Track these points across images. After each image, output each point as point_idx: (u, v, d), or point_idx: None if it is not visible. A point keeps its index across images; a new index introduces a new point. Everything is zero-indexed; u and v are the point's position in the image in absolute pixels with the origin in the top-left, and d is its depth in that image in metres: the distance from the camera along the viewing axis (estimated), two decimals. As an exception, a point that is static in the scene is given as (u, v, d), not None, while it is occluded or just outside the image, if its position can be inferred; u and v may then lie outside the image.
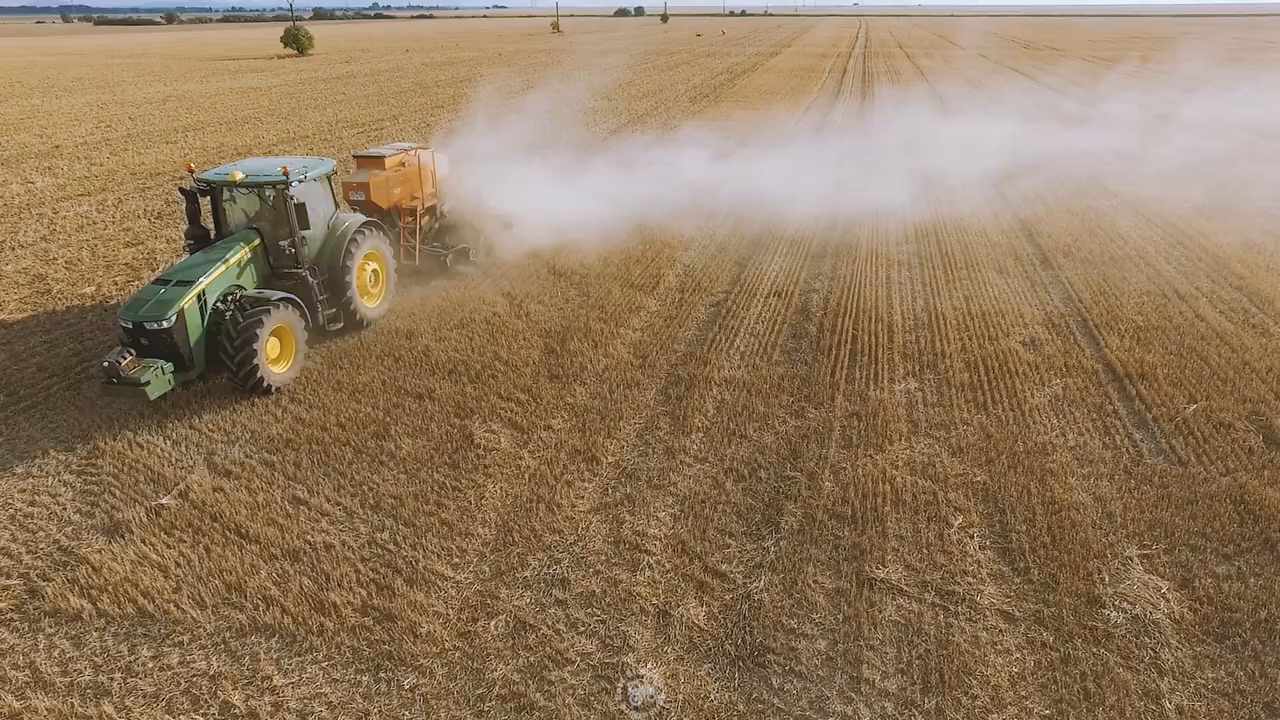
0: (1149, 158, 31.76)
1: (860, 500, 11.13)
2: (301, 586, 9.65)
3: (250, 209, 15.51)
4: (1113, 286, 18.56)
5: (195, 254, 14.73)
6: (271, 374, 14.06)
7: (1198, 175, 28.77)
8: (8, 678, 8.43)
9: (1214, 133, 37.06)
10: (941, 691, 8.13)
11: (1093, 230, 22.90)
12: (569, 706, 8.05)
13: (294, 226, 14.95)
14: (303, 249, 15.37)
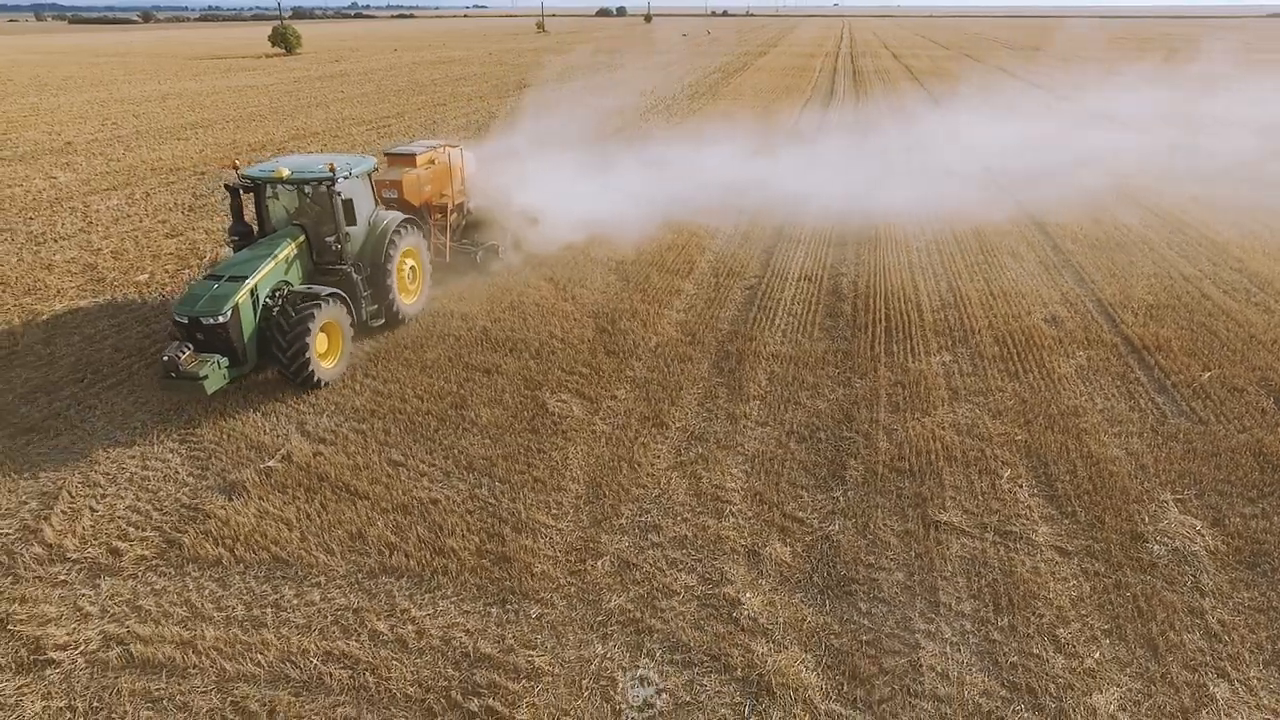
0: (1142, 152, 33.10)
1: (915, 456, 12.17)
2: (418, 535, 10.54)
3: (292, 205, 15.68)
4: (1121, 270, 19.76)
5: (243, 250, 14.85)
6: (321, 369, 14.18)
7: (1194, 171, 30.08)
8: (169, 613, 9.28)
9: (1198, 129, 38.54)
10: (1012, 612, 9.18)
11: (1096, 219, 24.10)
12: (683, 629, 9.02)
13: (340, 223, 15.10)
14: (347, 245, 15.47)
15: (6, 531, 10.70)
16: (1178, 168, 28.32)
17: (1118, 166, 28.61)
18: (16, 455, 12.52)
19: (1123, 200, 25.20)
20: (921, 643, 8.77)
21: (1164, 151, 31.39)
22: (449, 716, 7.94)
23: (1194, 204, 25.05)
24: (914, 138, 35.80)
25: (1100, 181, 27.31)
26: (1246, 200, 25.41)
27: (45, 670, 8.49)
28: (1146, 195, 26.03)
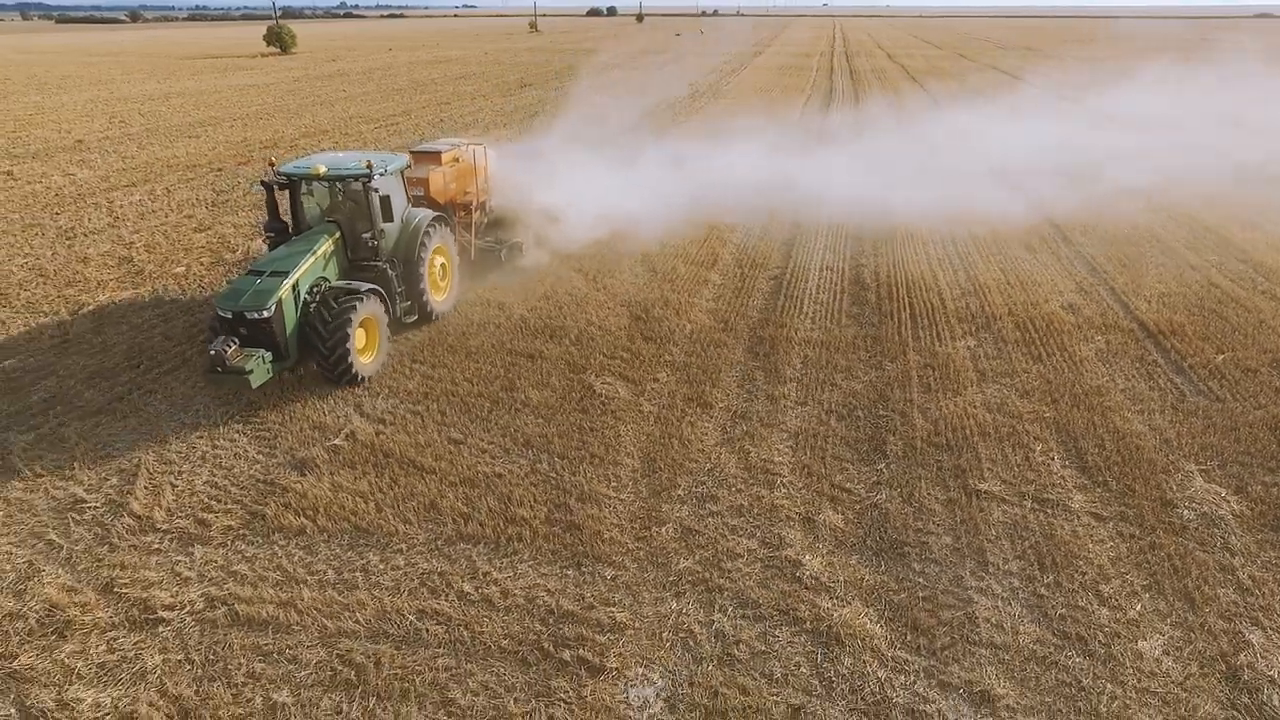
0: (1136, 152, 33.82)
1: (951, 432, 12.82)
2: (489, 506, 11.12)
3: (325, 202, 15.82)
4: (1131, 260, 20.50)
5: (282, 246, 14.93)
6: (360, 364, 14.26)
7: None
8: (264, 577, 9.83)
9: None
10: (1056, 570, 9.83)
11: (1102, 214, 24.81)
12: (751, 587, 9.64)
13: (376, 219, 15.20)
14: (382, 242, 15.61)
15: (95, 505, 11.21)
16: (1187, 167, 28.87)
17: (1131, 167, 29.15)
18: (89, 436, 13.02)
19: (1127, 197, 25.90)
20: (974, 598, 9.40)
21: (1176, 151, 31.80)
22: (543, 666, 8.53)
23: (1196, 200, 25.77)
24: (916, 136, 36.44)
25: (1109, 181, 27.97)
26: (1250, 196, 26.15)
27: (157, 628, 9.02)
28: (1153, 193, 26.65)
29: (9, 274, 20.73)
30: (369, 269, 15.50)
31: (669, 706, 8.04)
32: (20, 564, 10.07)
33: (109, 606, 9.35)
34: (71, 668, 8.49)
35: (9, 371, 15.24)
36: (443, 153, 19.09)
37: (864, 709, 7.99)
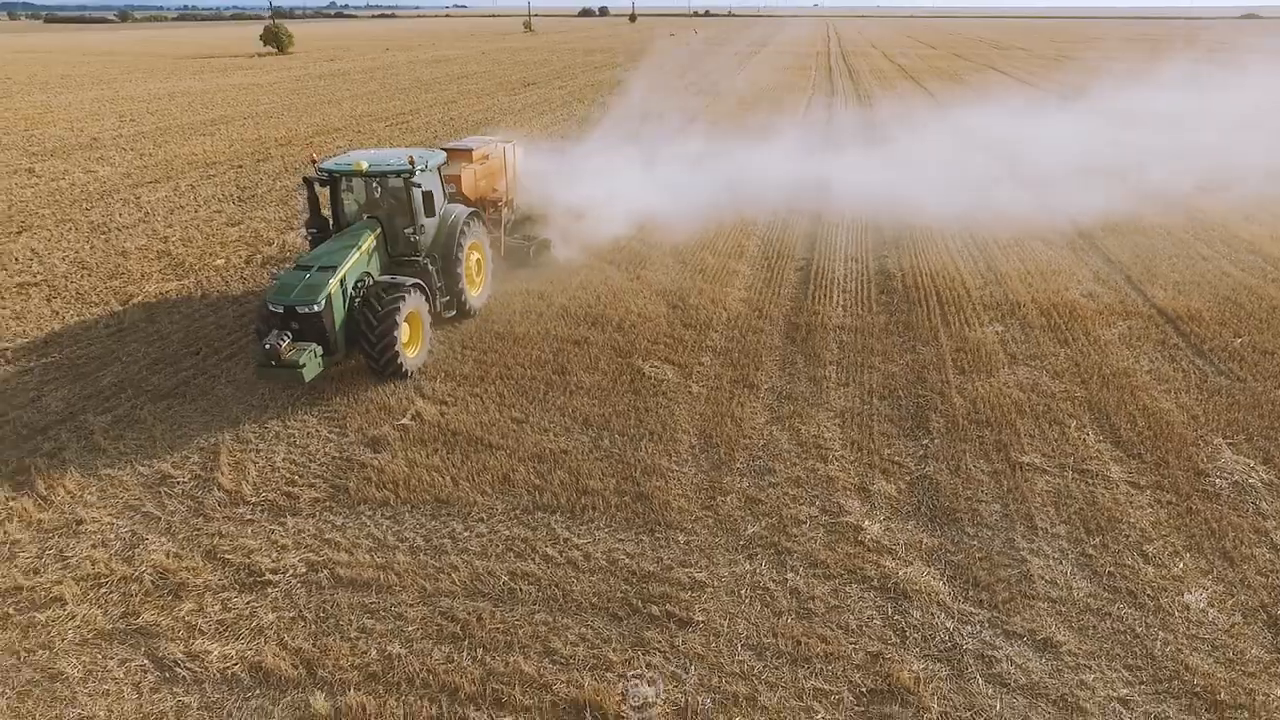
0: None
1: (989, 410, 13.49)
2: (560, 479, 11.72)
3: (363, 199, 15.96)
4: (1144, 252, 21.23)
5: (327, 241, 15.02)
6: (405, 358, 14.40)
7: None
8: (358, 544, 10.40)
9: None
10: (1101, 533, 10.50)
11: (1112, 208, 25.48)
12: (817, 548, 10.28)
13: (418, 214, 15.36)
14: (422, 237, 15.71)
15: (183, 480, 11.76)
16: (1193, 165, 29.38)
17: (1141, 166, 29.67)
18: (164, 417, 13.56)
19: (1136, 193, 26.56)
20: (1028, 558, 10.06)
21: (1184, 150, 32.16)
22: (633, 620, 9.14)
23: (1202, 195, 26.51)
24: (917, 133, 37.09)
25: (1119, 179, 28.59)
26: (1252, 191, 26.88)
27: (265, 589, 9.59)
28: (1162, 189, 27.25)
29: (53, 266, 21.19)
30: (409, 264, 15.59)
31: (756, 654, 8.65)
32: (124, 533, 10.61)
33: (216, 571, 9.90)
34: (192, 624, 9.05)
35: (74, 358, 15.74)
36: (474, 150, 19.35)
37: (937, 655, 8.63)
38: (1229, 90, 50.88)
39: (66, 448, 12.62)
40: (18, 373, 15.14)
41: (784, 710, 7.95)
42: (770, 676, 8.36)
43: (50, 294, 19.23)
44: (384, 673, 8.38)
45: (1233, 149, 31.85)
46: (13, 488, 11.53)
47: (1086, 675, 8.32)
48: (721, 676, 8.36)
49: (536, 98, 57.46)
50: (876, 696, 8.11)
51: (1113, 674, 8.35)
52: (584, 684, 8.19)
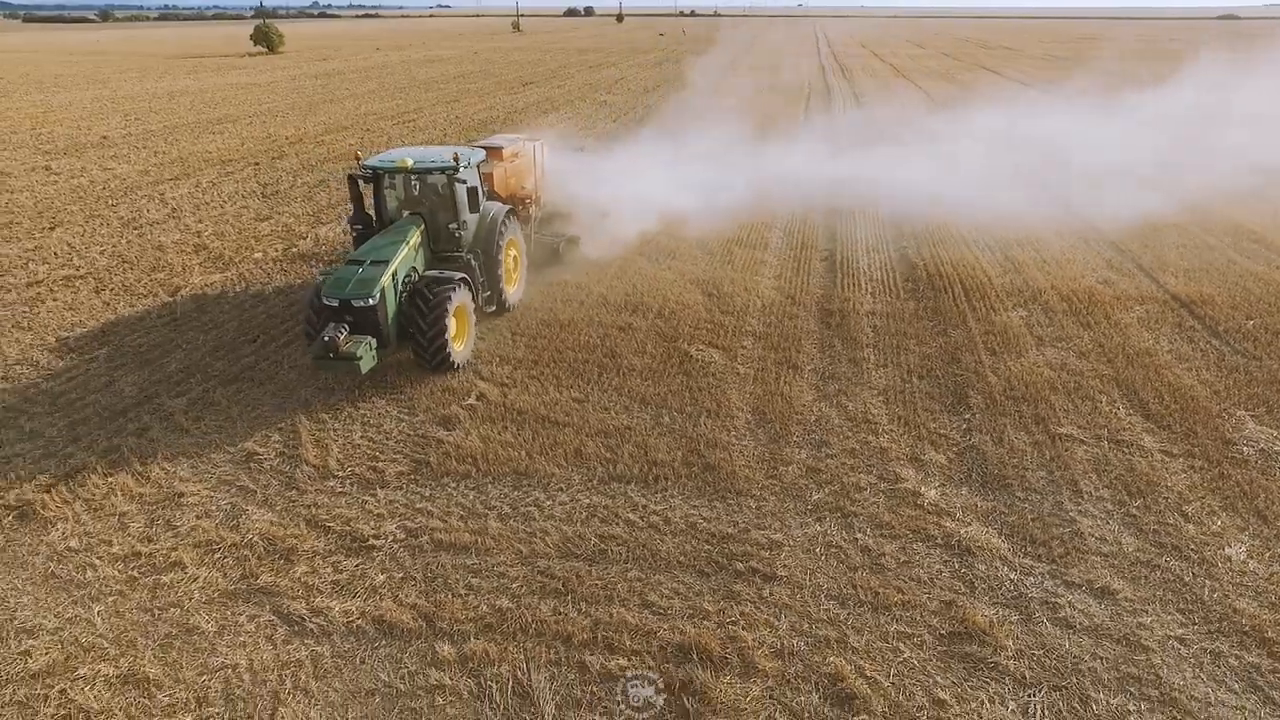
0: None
1: (1024, 387, 14.28)
2: (629, 452, 12.39)
3: (403, 195, 16.20)
4: (1153, 242, 22.13)
5: (374, 237, 15.26)
6: (454, 351, 14.67)
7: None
8: (450, 512, 11.03)
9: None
10: (1142, 496, 11.29)
11: (1117, 201, 26.38)
12: (880, 511, 11.00)
13: (462, 210, 15.62)
14: (466, 233, 16.03)
15: (269, 457, 12.35)
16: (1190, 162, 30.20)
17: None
18: (237, 400, 14.12)
19: (1140, 186, 27.47)
20: (1077, 518, 10.83)
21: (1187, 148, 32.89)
22: (721, 575, 9.83)
23: (1203, 188, 27.42)
24: (913, 129, 37.88)
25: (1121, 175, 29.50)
26: (1248, 185, 27.89)
27: (371, 553, 10.21)
28: (1164, 183, 28.19)
29: (93, 260, 21.62)
30: (452, 260, 15.87)
31: (839, 603, 9.36)
32: (224, 505, 11.19)
33: (320, 537, 10.51)
34: (309, 584, 9.66)
35: (136, 346, 16.25)
36: (504, 148, 19.61)
37: (1005, 602, 9.37)
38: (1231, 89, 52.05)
39: (150, 428, 13.16)
40: (85, 360, 15.63)
41: (872, 650, 8.66)
42: (855, 622, 9.07)
43: (97, 286, 19.68)
44: (499, 624, 9.02)
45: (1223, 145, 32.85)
46: (109, 464, 12.06)
47: (1144, 618, 9.08)
48: (811, 623, 9.06)
49: (538, 96, 58.00)
50: (955, 638, 8.83)
51: (1167, 617, 9.12)
52: (686, 630, 8.86)
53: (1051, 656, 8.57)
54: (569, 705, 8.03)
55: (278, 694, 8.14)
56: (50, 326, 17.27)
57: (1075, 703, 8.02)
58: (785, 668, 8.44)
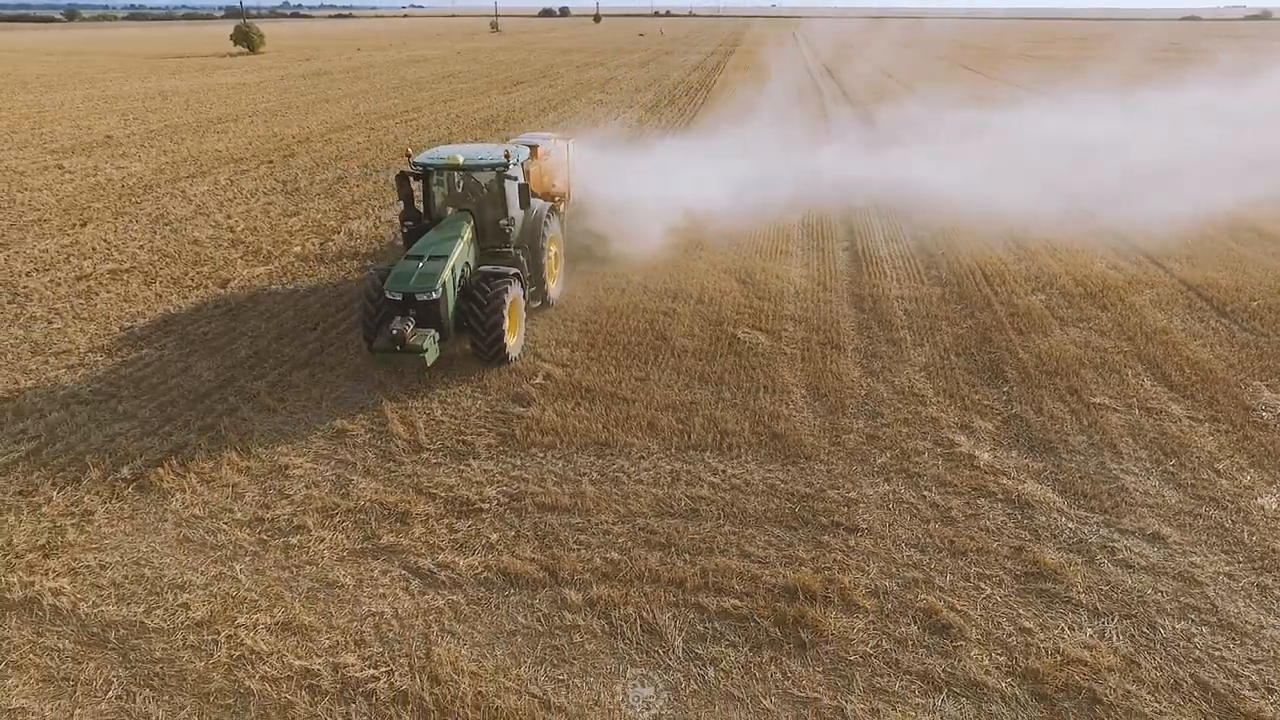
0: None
1: (1054, 363, 15.32)
2: (699, 424, 13.25)
3: (449, 192, 16.57)
4: (1154, 230, 23.33)
5: (429, 233, 15.54)
6: (508, 344, 15.02)
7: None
8: (543, 478, 11.82)
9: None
10: (1176, 456, 12.34)
11: (1110, 186, 27.67)
12: (941, 473, 11.94)
13: (512, 206, 16.07)
14: (514, 229, 16.35)
15: (359, 433, 13.06)
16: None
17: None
18: (314, 382, 14.79)
19: (1134, 179, 28.77)
20: (1120, 476, 11.84)
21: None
22: (808, 529, 10.71)
23: (1196, 181, 28.74)
24: (904, 126, 38.99)
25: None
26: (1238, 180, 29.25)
27: (480, 516, 10.98)
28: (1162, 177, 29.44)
29: (133, 255, 22.10)
30: (501, 255, 16.13)
31: (919, 550, 10.29)
32: (329, 476, 11.90)
33: (429, 503, 11.26)
34: (429, 543, 10.42)
35: (202, 335, 16.84)
36: (538, 146, 19.77)
37: (1068, 547, 10.34)
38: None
39: (239, 409, 13.81)
40: (155, 348, 16.20)
41: (957, 589, 9.59)
42: (937, 566, 10.00)
43: (146, 279, 20.18)
44: (614, 573, 9.84)
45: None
46: (209, 441, 12.72)
47: (1194, 558, 10.10)
48: (897, 567, 9.97)
49: (532, 96, 58.64)
50: (1030, 577, 9.79)
51: (1214, 557, 10.14)
52: (787, 575, 9.74)
53: (1117, 592, 9.55)
54: (695, 639, 8.87)
55: (427, 635, 8.90)
56: (111, 317, 17.77)
57: (1144, 628, 8.99)
58: (883, 604, 9.33)
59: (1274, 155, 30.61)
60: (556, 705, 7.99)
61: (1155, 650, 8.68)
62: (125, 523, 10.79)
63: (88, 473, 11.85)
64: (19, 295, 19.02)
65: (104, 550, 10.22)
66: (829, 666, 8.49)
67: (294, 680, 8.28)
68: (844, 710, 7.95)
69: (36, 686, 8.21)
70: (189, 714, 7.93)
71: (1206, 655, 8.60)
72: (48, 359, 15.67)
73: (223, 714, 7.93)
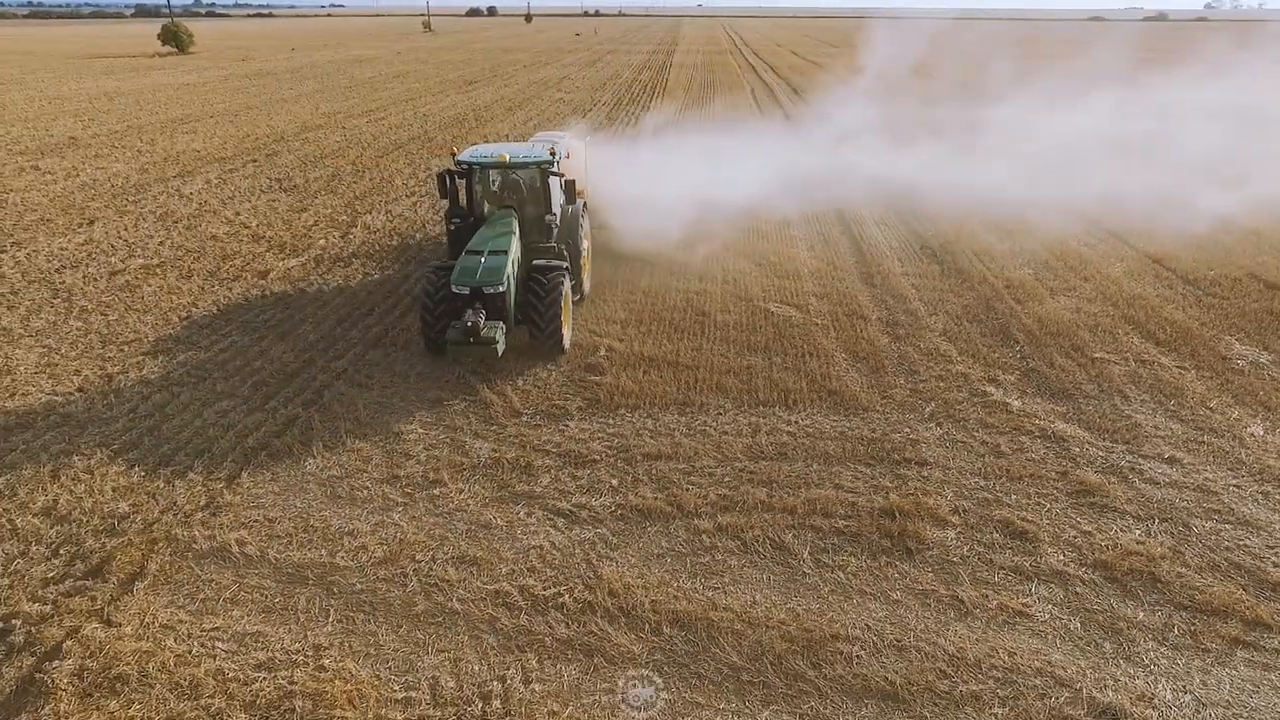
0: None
1: (1054, 325, 17.31)
2: (761, 384, 14.77)
3: (484, 189, 17.16)
4: (1114, 212, 25.81)
5: (482, 229, 16.02)
6: (565, 335, 15.62)
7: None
8: (640, 434, 13.16)
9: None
10: (1174, 398, 14.36)
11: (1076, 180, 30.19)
12: (983, 417, 13.71)
13: (556, 202, 16.77)
14: (558, 225, 16.94)
15: (454, 402, 14.18)
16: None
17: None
18: (392, 360, 15.79)
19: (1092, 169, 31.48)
20: (1131, 414, 13.81)
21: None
22: (883, 465, 12.34)
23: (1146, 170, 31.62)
24: (850, 117, 41.01)
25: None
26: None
27: (595, 464, 12.28)
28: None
29: (156, 250, 22.52)
30: (544, 250, 16.58)
31: (982, 478, 12.02)
32: (444, 439, 13.02)
33: (545, 457, 12.50)
34: (559, 490, 11.68)
35: (263, 322, 17.62)
36: (556, 144, 20.08)
37: (1103, 470, 12.19)
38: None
39: (331, 385, 14.76)
40: (221, 335, 16.93)
41: (1022, 505, 11.33)
42: (1001, 489, 11.74)
43: (181, 274, 20.71)
44: (731, 506, 11.29)
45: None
46: (318, 412, 13.69)
47: (1206, 474, 12.07)
48: (969, 491, 11.68)
49: (492, 95, 59.33)
50: (1078, 494, 11.60)
51: (1222, 473, 12.13)
52: (879, 501, 11.35)
53: (1152, 502, 11.43)
54: (818, 552, 10.39)
55: (588, 560, 10.21)
56: (163, 308, 18.37)
57: (1180, 528, 10.87)
58: (965, 519, 11.02)
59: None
60: (723, 605, 9.41)
61: (1193, 543, 10.55)
62: (271, 484, 11.75)
63: (215, 444, 12.72)
64: (60, 291, 19.39)
65: (263, 508, 11.20)
66: (936, 567, 10.11)
67: (488, 600, 9.50)
68: (959, 597, 9.58)
69: (260, 615, 9.24)
70: (406, 631, 9.08)
71: (1234, 545, 10.51)
72: (121, 348, 16.27)
73: (436, 629, 9.11)
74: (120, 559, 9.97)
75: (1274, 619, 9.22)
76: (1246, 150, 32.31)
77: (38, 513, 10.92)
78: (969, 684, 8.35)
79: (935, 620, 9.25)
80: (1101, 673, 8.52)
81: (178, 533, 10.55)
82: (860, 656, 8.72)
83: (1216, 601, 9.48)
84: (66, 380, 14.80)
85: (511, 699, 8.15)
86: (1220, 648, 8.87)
